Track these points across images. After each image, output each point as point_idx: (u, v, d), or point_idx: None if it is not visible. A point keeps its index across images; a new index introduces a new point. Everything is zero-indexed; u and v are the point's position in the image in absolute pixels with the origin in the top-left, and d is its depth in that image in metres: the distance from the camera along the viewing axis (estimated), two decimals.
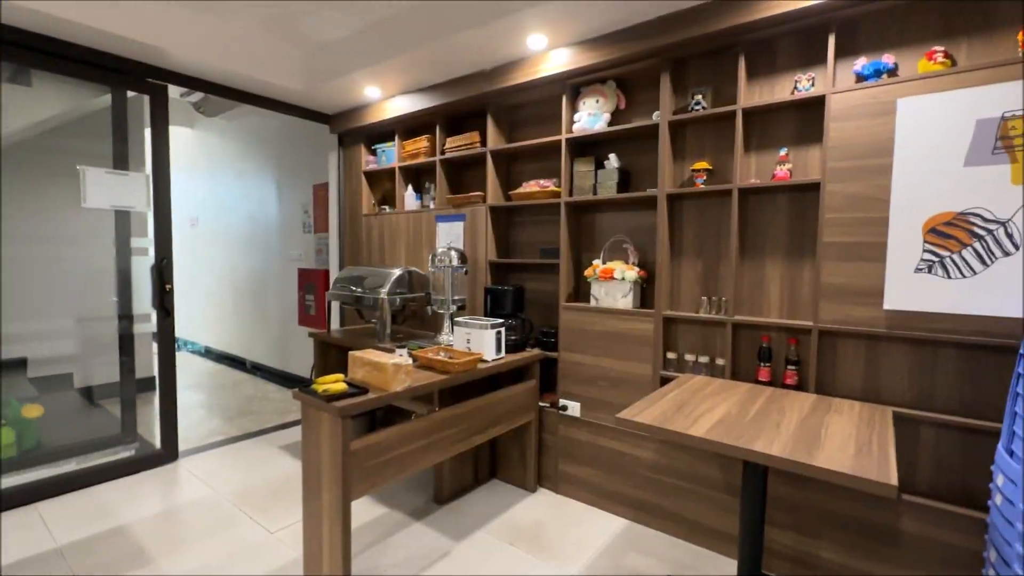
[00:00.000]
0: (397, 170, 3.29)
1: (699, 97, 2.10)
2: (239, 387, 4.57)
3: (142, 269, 3.01)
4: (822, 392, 1.89)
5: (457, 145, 2.91)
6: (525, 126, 2.83)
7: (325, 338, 3.03)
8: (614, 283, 2.35)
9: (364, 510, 2.38)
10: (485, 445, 2.68)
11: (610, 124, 2.40)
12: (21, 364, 3.16)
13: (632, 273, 2.29)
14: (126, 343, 2.96)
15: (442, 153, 3.02)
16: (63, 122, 2.78)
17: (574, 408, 2.48)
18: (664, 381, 2.20)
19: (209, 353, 5.90)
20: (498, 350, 2.32)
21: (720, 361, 2.11)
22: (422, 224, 3.12)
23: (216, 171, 5.54)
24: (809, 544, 1.87)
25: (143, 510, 2.35)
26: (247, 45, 2.78)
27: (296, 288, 4.40)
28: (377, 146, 3.44)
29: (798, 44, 1.97)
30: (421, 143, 3.12)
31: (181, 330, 6.22)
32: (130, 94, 2.76)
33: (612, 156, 2.39)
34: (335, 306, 3.72)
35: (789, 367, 1.94)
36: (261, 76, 2.88)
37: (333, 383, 1.73)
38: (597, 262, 2.43)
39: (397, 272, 2.81)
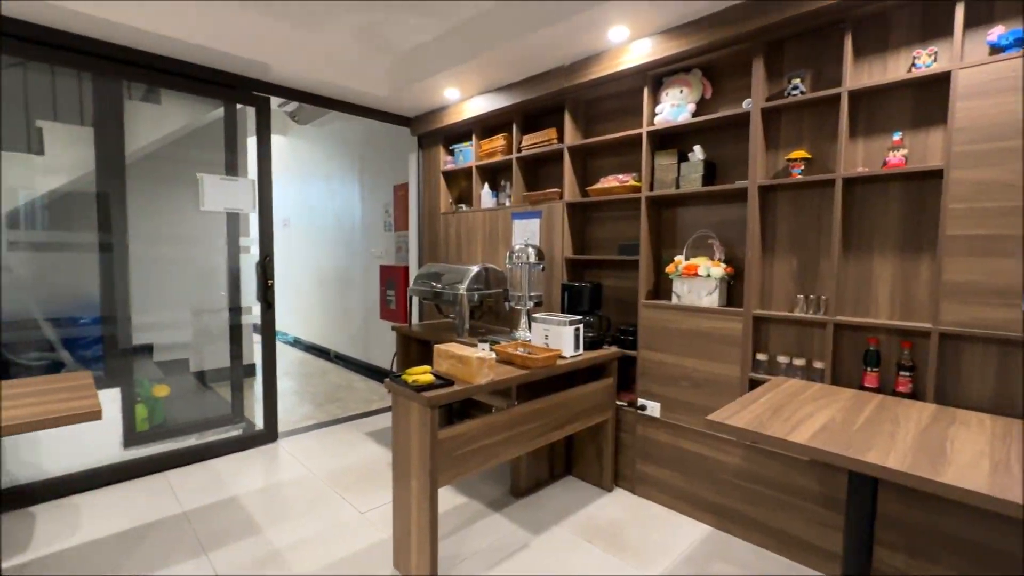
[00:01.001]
0: (474, 169, 3.36)
1: (797, 81, 1.96)
2: (326, 376, 4.91)
3: (247, 266, 3.31)
4: (942, 402, 1.70)
5: (534, 142, 2.93)
6: (603, 121, 2.78)
7: (407, 331, 3.17)
8: (698, 280, 2.26)
9: (446, 498, 2.47)
10: (561, 441, 2.68)
11: (695, 115, 2.30)
12: (148, 350, 3.60)
13: (718, 270, 2.18)
14: (235, 333, 3.27)
15: (518, 151, 3.05)
16: (184, 134, 3.12)
17: (653, 408, 2.41)
18: (753, 384, 2.09)
19: (297, 343, 6.38)
20: (576, 347, 2.31)
21: (818, 364, 1.96)
22: (498, 222, 3.17)
23: (306, 175, 5.97)
24: (924, 569, 1.70)
25: (251, 484, 2.60)
26: (339, 56, 2.97)
27: (378, 284, 4.64)
28: (455, 146, 3.54)
29: (916, 16, 1.78)
30: (498, 141, 3.17)
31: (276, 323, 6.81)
32: (237, 107, 3.04)
33: (697, 148, 2.30)
34: (415, 301, 3.88)
35: (902, 373, 1.77)
36: (351, 84, 3.06)
37: (421, 374, 1.81)
38: (679, 258, 2.35)
39: (475, 269, 2.88)
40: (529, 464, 2.52)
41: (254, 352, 4.19)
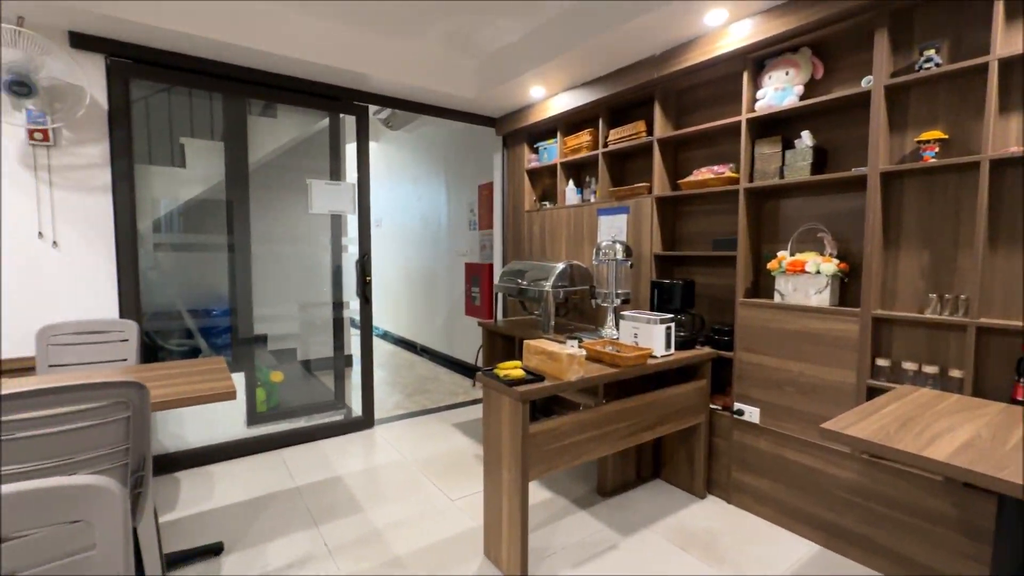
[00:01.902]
0: (559, 166, 3.36)
1: (930, 52, 1.74)
2: (414, 368, 5.16)
3: (346, 263, 3.57)
4: None
5: (621, 136, 2.87)
6: (695, 110, 2.66)
7: (492, 327, 3.25)
8: (805, 277, 2.08)
9: (533, 492, 2.50)
10: (649, 443, 2.61)
11: (803, 97, 2.12)
12: (264, 339, 4.00)
13: (830, 266, 2.00)
14: (337, 326, 3.53)
15: (604, 146, 3.00)
16: (294, 144, 3.43)
17: (752, 413, 2.27)
18: (873, 392, 1.89)
19: (387, 336, 6.77)
20: (667, 346, 2.23)
21: (956, 373, 1.73)
22: (583, 218, 3.14)
23: (395, 178, 6.31)
24: None
25: (352, 465, 2.80)
26: (430, 61, 3.10)
27: (463, 281, 4.79)
28: (539, 144, 3.56)
29: None
30: (583, 137, 3.13)
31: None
32: (341, 116, 3.28)
33: (805, 134, 2.12)
34: (500, 297, 3.97)
35: None
36: (441, 88, 3.18)
37: (512, 369, 1.85)
38: (783, 254, 2.19)
39: (560, 266, 2.88)
40: (616, 464, 2.48)
41: (351, 344, 4.52)
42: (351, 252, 3.59)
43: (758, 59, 2.25)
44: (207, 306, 3.13)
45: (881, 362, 1.90)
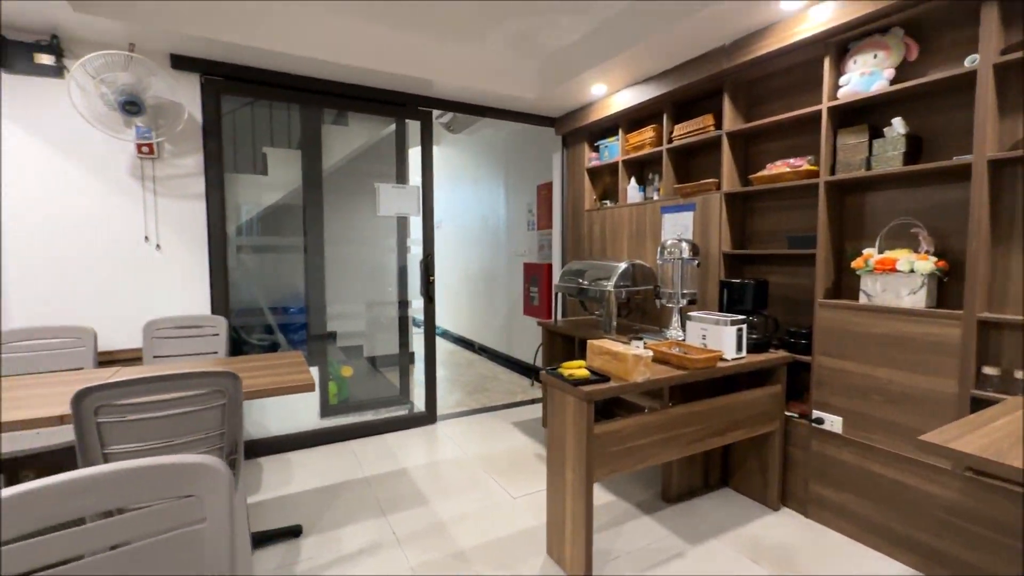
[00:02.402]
0: (620, 164, 3.30)
1: None
2: (473, 366, 5.25)
3: (410, 263, 3.70)
4: None
5: (687, 131, 2.77)
6: (768, 101, 2.52)
7: (552, 327, 3.24)
8: (897, 276, 1.92)
9: (594, 495, 2.46)
10: (717, 450, 2.50)
11: (893, 81, 1.96)
12: (333, 336, 4.22)
13: (926, 264, 1.83)
14: (402, 324, 3.66)
15: (669, 142, 2.91)
16: (363, 150, 3.59)
17: (834, 423, 2.12)
18: (978, 403, 1.71)
19: (446, 335, 6.94)
20: (739, 349, 2.14)
21: None
22: (645, 216, 3.07)
23: (455, 180, 6.45)
24: None
25: (417, 459, 2.90)
26: (493, 65, 3.15)
27: (521, 281, 4.82)
28: (600, 142, 3.52)
29: None
30: (646, 134, 3.06)
31: (420, 315, 7.54)
32: (406, 122, 3.40)
33: (896, 121, 1.95)
34: (559, 297, 3.95)
35: None
36: (502, 90, 3.22)
37: (577, 369, 1.84)
38: (870, 251, 2.03)
39: (623, 265, 2.83)
40: (682, 470, 2.40)
41: (413, 342, 4.68)
42: (414, 253, 3.71)
43: (841, 43, 2.10)
44: (285, 304, 3.35)
45: (988, 371, 1.71)
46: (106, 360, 2.47)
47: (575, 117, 3.60)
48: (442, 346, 6.40)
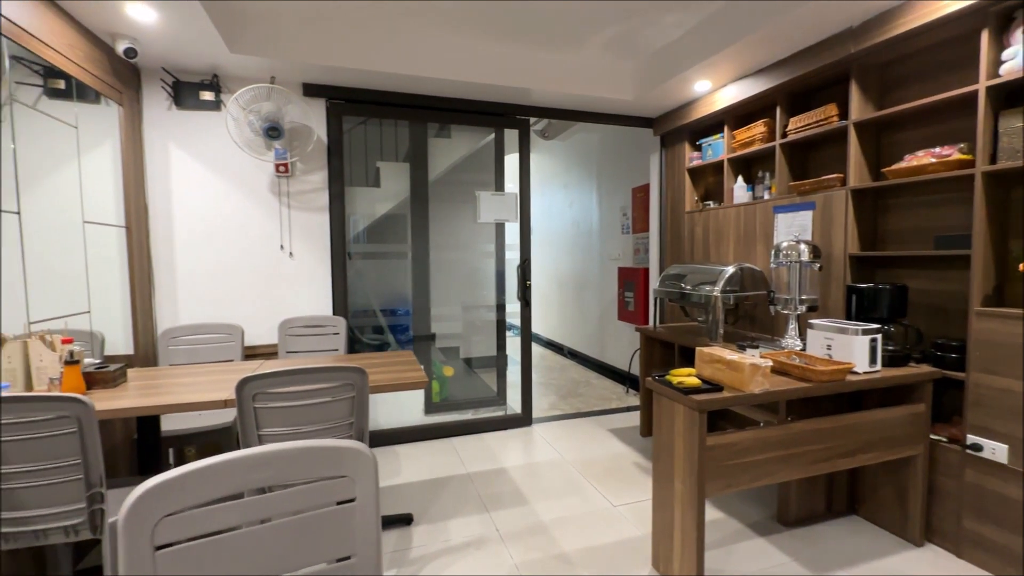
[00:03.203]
0: (726, 162, 3.13)
1: None
2: (565, 371, 5.25)
3: (504, 268, 3.79)
4: None
5: (805, 124, 2.56)
6: (905, 85, 2.26)
7: (650, 333, 3.15)
8: None
9: None
10: (843, 472, 2.27)
11: None
12: (433, 338, 4.44)
13: None
14: (499, 327, 3.77)
15: (783, 136, 2.71)
16: (463, 160, 3.76)
17: (996, 451, 1.83)
18: None
19: (536, 338, 7.00)
20: (872, 361, 1.92)
21: None
22: (755, 217, 2.88)
23: (546, 186, 6.51)
24: None
25: (515, 459, 2.96)
26: (588, 70, 3.15)
27: (615, 285, 4.74)
28: (702, 141, 3.37)
29: None
30: (756, 129, 2.88)
31: (515, 319, 7.67)
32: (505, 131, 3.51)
33: None
34: (658, 303, 3.83)
35: None
36: (599, 94, 3.20)
37: (686, 376, 1.77)
38: None
39: (730, 269, 2.67)
40: (802, 491, 2.21)
41: (505, 345, 4.79)
42: (510, 258, 3.81)
43: (1005, 11, 1.82)
44: (392, 306, 3.60)
45: None
46: (250, 354, 2.83)
47: (675, 116, 3.48)
48: (533, 350, 6.46)
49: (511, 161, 3.65)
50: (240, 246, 2.87)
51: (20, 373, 1.73)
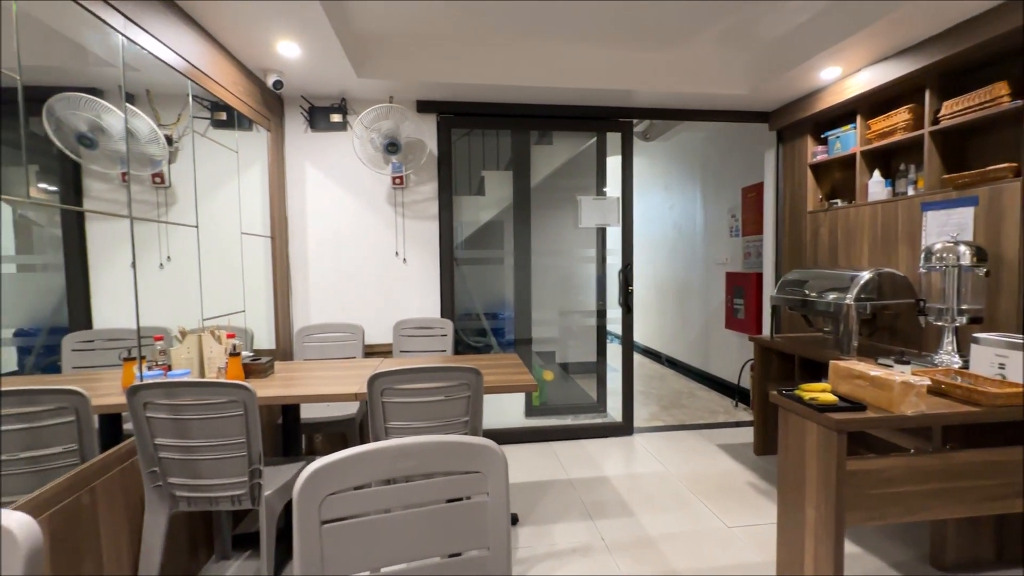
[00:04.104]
0: (858, 155, 2.82)
1: None
2: (665, 380, 5.04)
3: (602, 273, 3.74)
4: None
5: (965, 107, 2.23)
6: None
7: (768, 343, 2.92)
8: None
9: None
10: (1018, 515, 1.92)
11: None
12: (531, 342, 4.50)
13: None
14: (600, 333, 3.73)
15: (934, 122, 2.38)
16: (563, 165, 3.78)
17: None
18: None
19: (633, 346, 6.80)
20: None
21: None
22: (895, 215, 2.56)
23: (646, 188, 6.32)
24: None
25: (616, 468, 2.90)
26: (697, 66, 3.01)
27: (722, 291, 4.46)
28: (828, 133, 3.06)
29: None
30: (898, 117, 2.55)
31: (614, 325, 7.50)
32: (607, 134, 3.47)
33: None
34: (776, 311, 3.55)
35: None
36: (709, 90, 3.05)
37: (819, 392, 1.62)
38: None
39: (865, 275, 2.40)
40: (962, 532, 1.91)
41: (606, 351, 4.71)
42: (610, 263, 3.75)
43: None
44: (494, 310, 3.71)
45: None
46: (369, 352, 3.07)
47: (795, 108, 3.21)
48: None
49: (612, 165, 3.60)
50: (361, 253, 3.13)
51: (195, 362, 2.04)
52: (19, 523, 0.75)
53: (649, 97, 3.16)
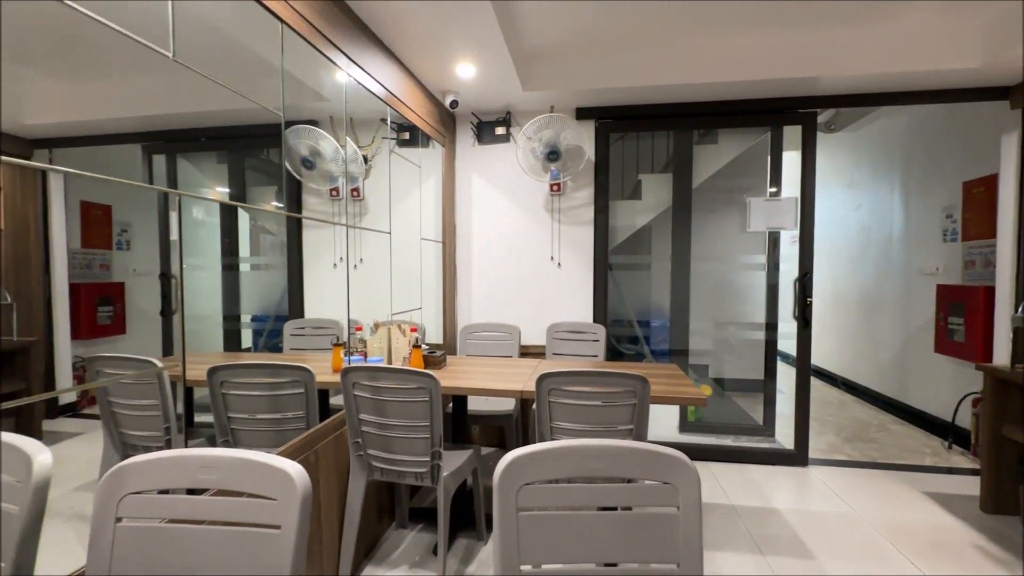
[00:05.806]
0: None
1: None
2: (845, 408, 4.35)
3: (775, 282, 3.36)
4: None
5: None
6: None
7: (1005, 375, 2.34)
8: None
9: None
10: None
11: None
12: (686, 353, 4.25)
13: None
14: (769, 348, 3.37)
15: None
16: (728, 165, 3.51)
17: None
18: None
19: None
20: None
21: None
22: None
23: (821, 187, 5.54)
24: None
25: (788, 501, 2.58)
26: (909, 40, 2.55)
27: (929, 307, 3.71)
28: None
29: None
30: None
31: (785, 340, 6.70)
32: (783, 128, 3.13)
33: None
34: (1018, 334, 2.84)
35: None
36: (922, 67, 2.57)
37: None
38: None
39: None
40: None
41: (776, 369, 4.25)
42: (783, 270, 3.38)
43: None
44: (648, 318, 3.59)
45: None
46: (523, 352, 3.20)
47: None
48: (791, 374, 5.57)
49: (785, 162, 3.24)
50: (518, 256, 3.29)
51: (385, 351, 2.33)
52: (296, 471, 0.93)
53: (837, 83, 2.77)
